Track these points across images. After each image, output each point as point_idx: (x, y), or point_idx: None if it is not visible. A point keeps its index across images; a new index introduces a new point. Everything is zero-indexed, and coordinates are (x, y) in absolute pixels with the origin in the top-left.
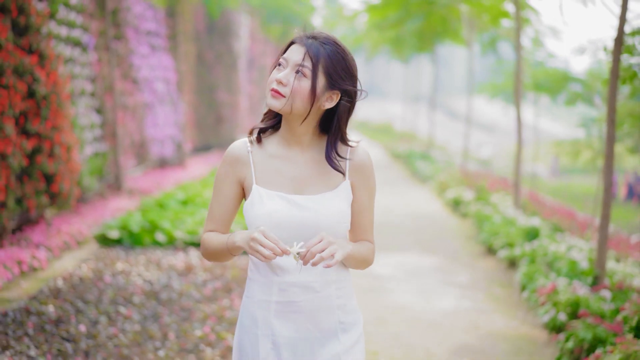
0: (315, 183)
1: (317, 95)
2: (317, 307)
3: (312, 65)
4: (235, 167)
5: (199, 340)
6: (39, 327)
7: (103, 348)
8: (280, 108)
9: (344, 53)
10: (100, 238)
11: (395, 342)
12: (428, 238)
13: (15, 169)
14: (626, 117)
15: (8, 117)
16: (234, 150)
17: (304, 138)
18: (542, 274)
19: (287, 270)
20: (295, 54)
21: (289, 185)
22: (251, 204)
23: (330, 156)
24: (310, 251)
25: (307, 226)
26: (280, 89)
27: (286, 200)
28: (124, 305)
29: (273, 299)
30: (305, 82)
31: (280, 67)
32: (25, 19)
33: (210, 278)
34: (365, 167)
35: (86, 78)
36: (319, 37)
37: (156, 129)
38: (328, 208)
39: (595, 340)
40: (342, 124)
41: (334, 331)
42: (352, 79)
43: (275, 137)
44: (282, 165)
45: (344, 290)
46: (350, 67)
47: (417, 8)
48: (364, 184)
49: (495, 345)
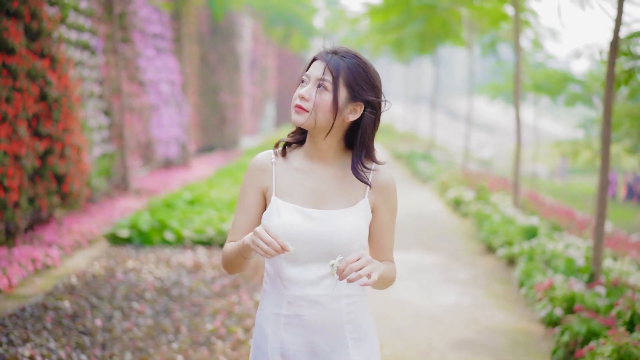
0: (334, 198)
1: (340, 108)
2: (323, 321)
3: (333, 78)
4: (258, 177)
5: (210, 333)
6: (57, 322)
7: (119, 341)
8: (303, 122)
9: (365, 65)
10: (110, 237)
11: (397, 336)
12: (429, 237)
13: (28, 169)
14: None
15: (21, 119)
16: (258, 160)
17: (327, 153)
18: (540, 271)
19: (297, 282)
20: (316, 70)
21: (308, 199)
22: (269, 215)
23: (356, 168)
24: (349, 267)
25: (321, 240)
26: (303, 104)
27: (302, 214)
28: (137, 300)
29: (282, 312)
30: (327, 95)
31: (303, 84)
32: (37, 24)
33: (218, 275)
34: (388, 188)
35: (94, 81)
36: (339, 52)
37: (161, 130)
38: (344, 224)
39: (590, 333)
40: (367, 136)
41: (344, 346)
42: (375, 90)
43: (300, 151)
44: (303, 178)
45: (355, 306)
46: (372, 78)
47: (419, 11)
48: (386, 205)
49: (494, 339)
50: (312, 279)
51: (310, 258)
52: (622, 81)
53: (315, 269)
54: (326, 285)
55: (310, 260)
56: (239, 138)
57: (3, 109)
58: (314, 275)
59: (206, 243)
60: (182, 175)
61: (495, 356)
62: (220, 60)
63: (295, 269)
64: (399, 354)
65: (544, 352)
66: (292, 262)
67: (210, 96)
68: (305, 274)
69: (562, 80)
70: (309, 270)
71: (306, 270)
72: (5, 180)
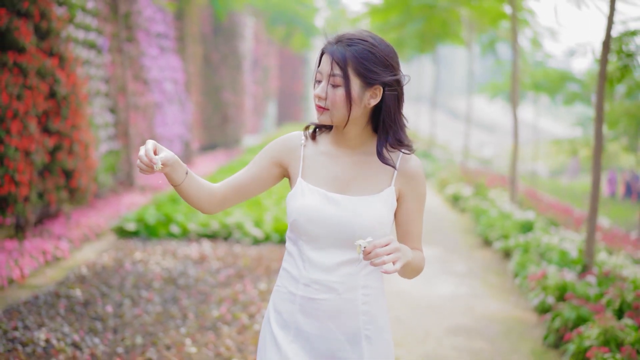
0: (359, 185)
1: (355, 99)
2: (338, 309)
3: (342, 71)
4: (282, 151)
5: (216, 319)
6: (69, 309)
7: (129, 326)
8: (327, 120)
9: (373, 46)
10: (118, 230)
11: (396, 323)
12: (428, 231)
13: (38, 165)
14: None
15: (32, 116)
16: (289, 138)
17: (354, 140)
18: (534, 263)
19: (316, 266)
20: (325, 65)
21: (332, 184)
22: (293, 196)
23: (381, 152)
24: (375, 251)
25: (341, 225)
26: (321, 103)
27: (325, 197)
28: (145, 289)
29: (298, 293)
30: (340, 90)
31: (318, 82)
32: (47, 23)
33: (223, 266)
34: (416, 176)
35: (101, 79)
36: (343, 39)
37: (165, 128)
38: (366, 211)
39: (579, 319)
40: (392, 116)
41: (357, 337)
42: (389, 68)
43: (329, 135)
44: (329, 163)
45: (371, 297)
46: (383, 58)
47: (418, 11)
48: (413, 193)
49: (488, 325)
50: (330, 265)
51: (330, 243)
52: (614, 79)
53: (335, 255)
54: (344, 272)
55: (331, 246)
56: (240, 137)
57: (14, 105)
58: (333, 261)
59: (211, 236)
60: None
61: (490, 341)
62: (222, 59)
63: (317, 253)
64: (397, 339)
65: (536, 338)
66: (312, 244)
67: (213, 95)
68: (325, 258)
69: (561, 79)
70: (329, 255)
71: (327, 255)
72: (16, 175)
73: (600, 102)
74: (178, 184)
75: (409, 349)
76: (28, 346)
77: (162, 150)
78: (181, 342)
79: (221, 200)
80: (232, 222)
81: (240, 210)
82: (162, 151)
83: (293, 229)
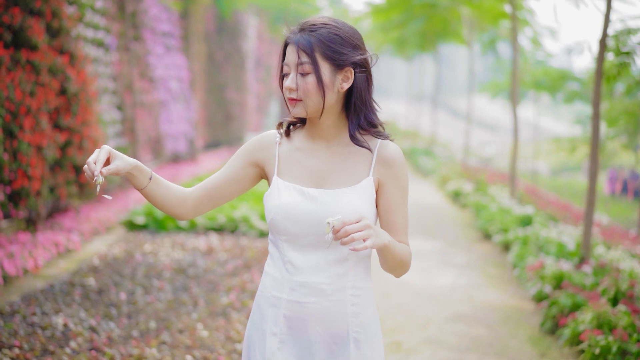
0: (336, 177)
1: (327, 84)
2: (326, 311)
3: (309, 57)
4: (257, 150)
5: (226, 306)
6: (84, 296)
7: (143, 312)
8: (301, 112)
9: (337, 28)
10: (127, 224)
11: (398, 311)
12: (429, 226)
13: (49, 160)
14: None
15: (43, 112)
16: (263, 137)
17: (329, 131)
18: (533, 255)
19: (300, 269)
20: (291, 55)
21: (309, 179)
22: (270, 195)
23: (353, 134)
24: (345, 229)
25: (320, 220)
26: (292, 95)
27: (301, 193)
28: (156, 278)
29: (284, 297)
30: (311, 77)
31: (286, 76)
32: (58, 22)
33: (230, 257)
34: (395, 162)
35: (108, 77)
36: (305, 27)
37: (170, 125)
38: (344, 203)
39: (575, 306)
40: (362, 97)
41: (346, 340)
42: (356, 48)
43: (303, 130)
44: (304, 158)
45: (360, 298)
46: (349, 38)
47: (420, 10)
48: (393, 181)
49: (487, 314)
50: (316, 266)
51: (311, 241)
52: (611, 77)
53: (319, 255)
54: (331, 273)
55: (312, 245)
56: (243, 134)
57: (27, 102)
58: (318, 262)
59: (218, 229)
60: (190, 169)
61: (488, 328)
62: (226, 58)
63: (298, 254)
64: (399, 325)
65: (534, 324)
66: (293, 244)
67: (217, 93)
68: (308, 260)
69: (561, 77)
70: (313, 256)
71: (310, 256)
72: (29, 169)
73: (597, 100)
74: (140, 189)
75: (410, 334)
76: (47, 330)
77: (117, 159)
78: (193, 327)
79: (195, 204)
80: (238, 216)
81: (247, 204)
82: (116, 159)
83: (272, 229)
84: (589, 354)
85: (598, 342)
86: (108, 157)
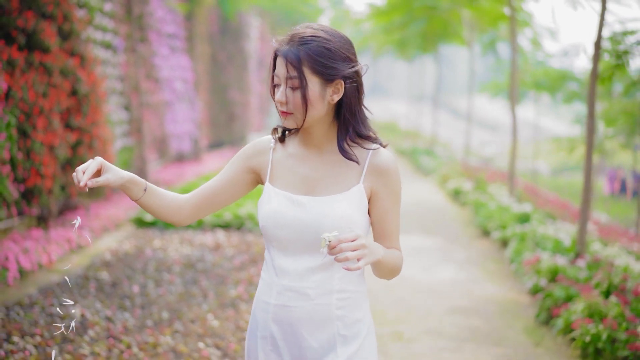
0: (327, 185)
1: (316, 98)
2: (310, 316)
3: (297, 72)
4: (253, 157)
5: (234, 298)
6: (99, 289)
7: (155, 303)
8: (292, 124)
9: (327, 41)
10: (136, 221)
11: (400, 304)
12: (430, 223)
13: (61, 159)
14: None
15: (55, 112)
16: (257, 142)
17: (321, 139)
18: (530, 250)
19: (287, 273)
20: (281, 68)
21: (300, 186)
22: (262, 201)
23: (341, 145)
24: (340, 246)
25: (308, 227)
26: (283, 108)
27: (291, 200)
28: (167, 272)
29: (272, 302)
30: (299, 91)
31: (277, 87)
32: (69, 25)
33: (237, 253)
34: (388, 170)
35: (116, 78)
36: (294, 39)
37: (175, 125)
38: (332, 211)
39: (568, 298)
40: (352, 108)
41: (332, 343)
42: (347, 61)
43: (297, 137)
44: (296, 165)
45: (347, 302)
46: (339, 50)
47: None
48: (386, 189)
49: (485, 306)
50: (302, 270)
51: (300, 248)
52: (605, 78)
53: (305, 261)
54: (316, 278)
55: (301, 251)
56: (246, 134)
57: (40, 103)
58: (304, 267)
59: (224, 226)
60: (195, 169)
61: (486, 320)
62: (229, 59)
63: (287, 259)
64: (401, 317)
65: (529, 316)
66: (283, 250)
67: (220, 94)
68: (296, 264)
69: (560, 78)
70: (300, 261)
71: (297, 261)
72: (41, 168)
73: (591, 100)
74: (135, 200)
75: (411, 325)
76: (65, 320)
77: (108, 172)
78: (204, 317)
79: (192, 211)
80: (244, 213)
81: (252, 202)
82: (107, 172)
83: (264, 236)
84: (580, 342)
85: (589, 330)
86: (99, 168)
